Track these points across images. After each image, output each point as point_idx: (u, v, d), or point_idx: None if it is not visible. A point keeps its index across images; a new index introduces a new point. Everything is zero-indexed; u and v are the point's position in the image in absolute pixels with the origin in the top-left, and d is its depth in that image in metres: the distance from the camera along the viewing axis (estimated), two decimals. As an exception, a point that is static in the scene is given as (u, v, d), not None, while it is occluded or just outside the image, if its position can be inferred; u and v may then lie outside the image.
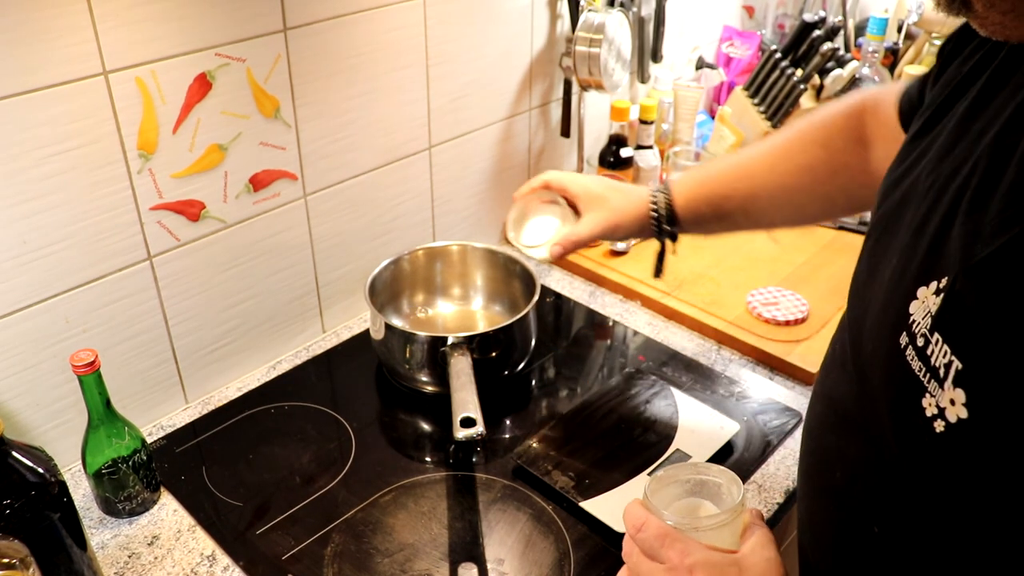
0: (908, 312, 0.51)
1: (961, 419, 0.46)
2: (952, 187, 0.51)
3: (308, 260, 1.18)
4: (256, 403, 1.12)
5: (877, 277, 0.57)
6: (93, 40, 0.86)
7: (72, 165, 0.88)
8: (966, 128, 0.53)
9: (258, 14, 0.99)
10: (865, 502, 0.57)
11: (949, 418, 0.46)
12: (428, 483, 0.99)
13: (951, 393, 0.46)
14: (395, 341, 1.10)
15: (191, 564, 0.89)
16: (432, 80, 1.24)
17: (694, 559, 0.58)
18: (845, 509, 0.60)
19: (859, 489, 0.58)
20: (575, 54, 1.35)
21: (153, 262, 1.00)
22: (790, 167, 0.89)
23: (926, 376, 0.48)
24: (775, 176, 0.90)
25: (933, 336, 0.48)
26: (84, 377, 0.84)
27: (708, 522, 0.61)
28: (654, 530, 0.60)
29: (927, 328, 0.48)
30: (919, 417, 0.48)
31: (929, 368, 0.48)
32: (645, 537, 0.61)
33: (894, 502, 0.54)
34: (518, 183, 1.47)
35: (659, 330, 1.26)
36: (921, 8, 1.60)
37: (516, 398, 1.14)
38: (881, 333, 0.54)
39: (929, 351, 0.48)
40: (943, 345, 0.47)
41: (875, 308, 0.56)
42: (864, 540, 0.58)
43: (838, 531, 0.61)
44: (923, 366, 0.48)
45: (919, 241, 0.53)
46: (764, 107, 1.60)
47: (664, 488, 0.65)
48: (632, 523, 0.62)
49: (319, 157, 1.13)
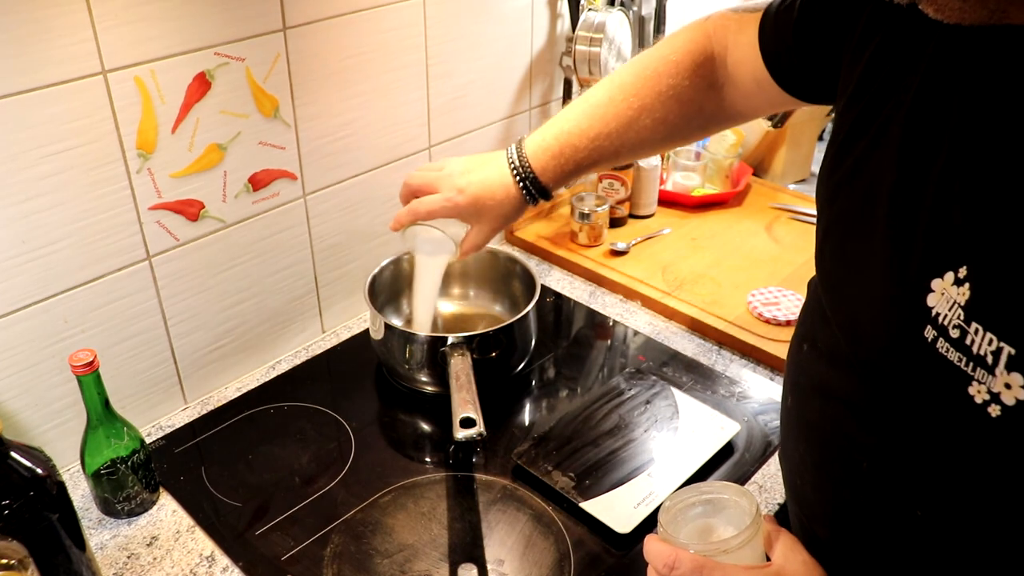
0: (927, 306, 0.51)
1: (1020, 400, 0.47)
2: (932, 179, 0.52)
3: (308, 260, 1.18)
4: (255, 403, 1.11)
5: (860, 278, 0.58)
6: (92, 39, 0.85)
7: (71, 165, 0.88)
8: (924, 120, 0.53)
9: (257, 13, 0.98)
10: (903, 488, 0.58)
11: (1006, 402, 0.48)
12: (428, 484, 0.98)
13: (1005, 378, 0.47)
14: (395, 341, 1.10)
15: (190, 565, 0.89)
16: (432, 79, 1.23)
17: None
18: (878, 496, 0.61)
19: (893, 476, 0.59)
20: (575, 53, 1.35)
21: (152, 262, 1.00)
22: (647, 122, 0.89)
23: (969, 365, 0.49)
24: (633, 132, 0.89)
25: (971, 326, 0.49)
26: (83, 377, 0.84)
27: (734, 542, 0.61)
28: (689, 564, 0.59)
29: (960, 319, 0.49)
30: (967, 405, 0.49)
31: (972, 357, 0.49)
32: (682, 573, 0.59)
33: (939, 485, 0.55)
34: (518, 183, 1.48)
35: (659, 330, 1.26)
36: (922, 7, 1.59)
37: (516, 398, 1.14)
38: (890, 331, 0.55)
39: (969, 340, 0.49)
40: (985, 333, 0.48)
41: (873, 308, 0.57)
42: (906, 524, 0.58)
43: (871, 518, 0.62)
44: (964, 356, 0.50)
45: (912, 236, 0.53)
46: (764, 106, 1.60)
47: (677, 517, 0.65)
48: (662, 561, 0.60)
49: (318, 157, 1.13)
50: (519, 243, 1.48)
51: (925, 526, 0.57)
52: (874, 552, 0.62)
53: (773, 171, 1.68)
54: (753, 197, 1.60)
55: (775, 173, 1.68)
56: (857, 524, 0.63)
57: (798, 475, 0.71)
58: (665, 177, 1.59)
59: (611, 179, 1.45)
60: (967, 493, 0.53)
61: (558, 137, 0.90)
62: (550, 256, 1.44)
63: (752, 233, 1.47)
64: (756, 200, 1.58)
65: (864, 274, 0.57)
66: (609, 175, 1.45)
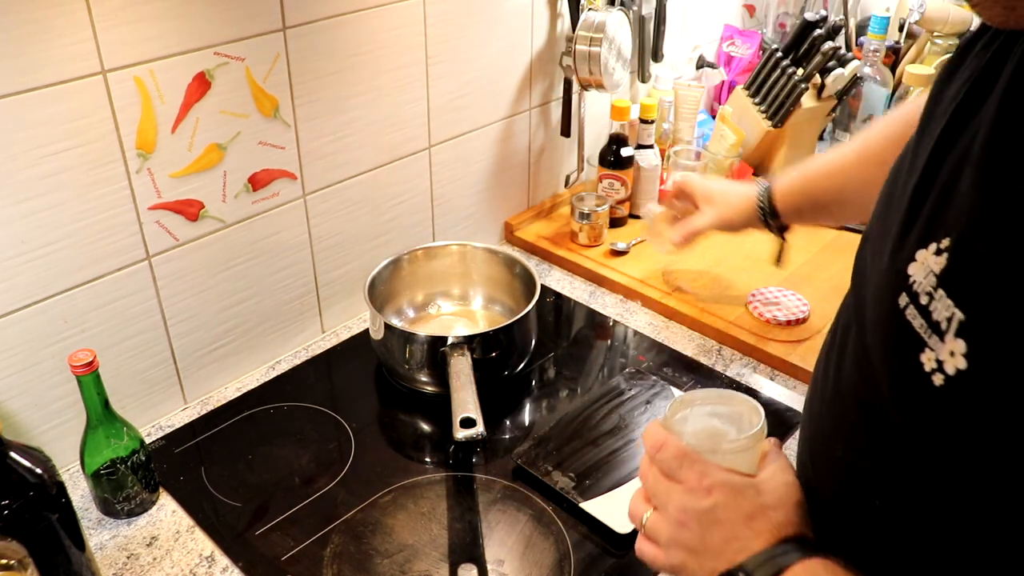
0: (907, 274, 0.51)
1: (960, 370, 0.46)
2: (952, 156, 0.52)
3: (307, 260, 1.18)
4: (255, 403, 1.11)
5: (877, 256, 0.58)
6: (92, 39, 0.85)
7: (70, 164, 0.88)
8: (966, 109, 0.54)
9: (257, 13, 0.98)
10: (866, 476, 0.57)
11: (948, 370, 0.47)
12: (428, 484, 0.98)
13: (952, 345, 0.46)
14: (395, 341, 1.10)
15: (190, 565, 0.89)
16: (432, 79, 1.23)
17: (712, 480, 0.59)
18: (847, 484, 0.60)
19: (861, 463, 0.58)
20: (575, 53, 1.35)
21: (152, 262, 1.00)
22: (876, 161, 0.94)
23: (926, 332, 0.49)
24: (862, 170, 0.97)
25: (937, 292, 0.48)
26: (82, 377, 0.84)
27: (728, 446, 0.62)
28: (673, 451, 0.61)
29: (931, 286, 0.49)
30: (918, 372, 0.49)
31: (930, 324, 0.48)
32: (664, 458, 0.61)
33: (895, 473, 0.54)
34: (518, 183, 1.48)
35: (659, 330, 1.26)
36: (923, 7, 1.59)
37: (516, 398, 1.14)
38: (879, 299, 0.55)
39: (932, 307, 0.49)
40: (946, 300, 0.47)
41: (875, 281, 0.57)
42: (866, 514, 0.57)
43: (841, 507, 0.61)
44: (924, 323, 0.49)
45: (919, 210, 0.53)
46: (765, 106, 1.60)
47: (684, 412, 0.66)
48: (651, 443, 0.62)
49: (318, 156, 1.13)
50: (519, 243, 1.48)
51: (882, 516, 0.56)
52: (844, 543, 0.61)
53: (773, 171, 1.68)
54: (753, 197, 1.60)
55: (775, 173, 1.67)
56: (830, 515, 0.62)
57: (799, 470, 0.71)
58: (665, 177, 1.59)
59: (611, 179, 1.45)
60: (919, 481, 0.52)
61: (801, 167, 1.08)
62: (550, 256, 1.43)
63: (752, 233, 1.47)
64: (756, 200, 1.58)
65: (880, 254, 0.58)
66: (609, 175, 1.45)
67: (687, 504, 0.60)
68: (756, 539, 0.57)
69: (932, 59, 1.62)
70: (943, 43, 1.64)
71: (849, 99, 1.64)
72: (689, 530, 0.60)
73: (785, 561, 0.55)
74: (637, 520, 0.64)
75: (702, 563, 0.59)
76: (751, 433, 0.62)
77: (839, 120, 1.69)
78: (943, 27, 1.62)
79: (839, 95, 1.63)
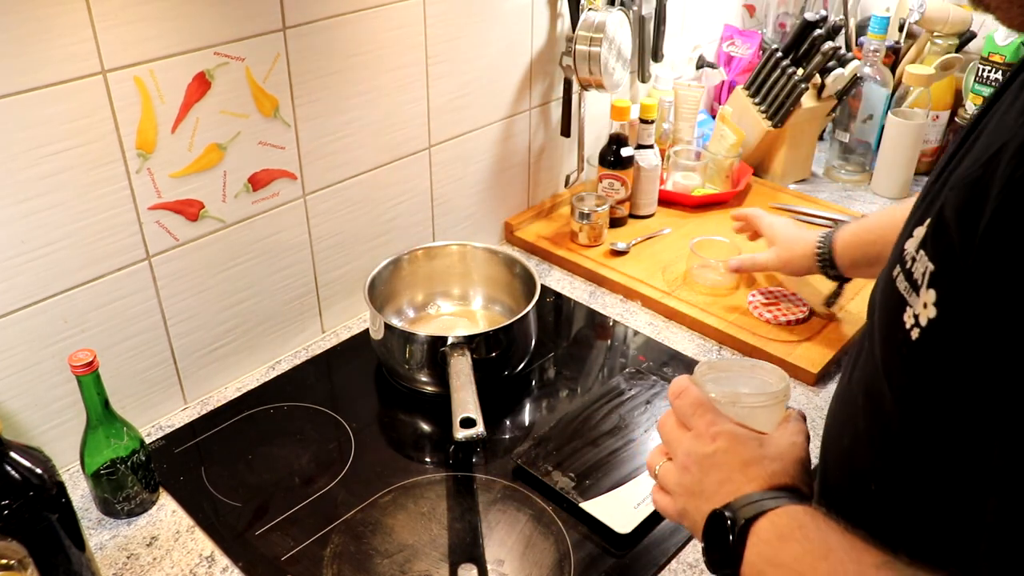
0: (903, 248, 0.53)
1: (931, 319, 0.47)
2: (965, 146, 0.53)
3: (307, 260, 1.18)
4: (255, 403, 1.11)
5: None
6: (91, 39, 0.85)
7: (70, 164, 0.88)
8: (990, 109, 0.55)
9: (257, 13, 0.98)
10: (864, 460, 0.58)
11: (921, 322, 0.48)
12: (428, 484, 0.98)
13: (925, 296, 0.48)
14: (395, 341, 1.10)
15: (190, 565, 0.89)
16: (432, 79, 1.23)
17: (719, 429, 0.62)
18: (849, 471, 0.62)
19: (859, 449, 0.59)
20: (575, 53, 1.35)
21: (152, 262, 1.00)
22: None
23: (908, 292, 0.50)
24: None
25: (918, 254, 0.50)
26: (82, 377, 0.84)
27: (748, 400, 0.64)
28: (691, 398, 0.64)
29: (914, 249, 0.51)
30: (901, 331, 0.50)
31: (911, 282, 0.50)
32: (681, 404, 0.64)
33: (887, 456, 0.55)
34: (518, 183, 1.48)
35: (659, 330, 1.26)
36: (923, 7, 1.59)
37: (516, 398, 1.14)
38: (883, 278, 0.57)
39: (913, 268, 0.50)
40: (924, 259, 0.49)
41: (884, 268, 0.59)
42: (865, 500, 0.58)
43: (847, 495, 0.63)
44: (907, 283, 0.50)
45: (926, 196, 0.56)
46: (765, 106, 1.60)
47: (713, 373, 0.68)
48: (673, 389, 0.66)
49: (318, 156, 1.13)
50: (519, 243, 1.48)
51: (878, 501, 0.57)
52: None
53: (773, 171, 1.68)
54: (753, 197, 1.60)
55: (775, 173, 1.68)
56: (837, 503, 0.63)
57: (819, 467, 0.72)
58: (665, 177, 1.59)
59: (611, 179, 1.45)
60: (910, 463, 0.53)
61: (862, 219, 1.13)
62: (550, 256, 1.43)
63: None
64: (756, 200, 1.58)
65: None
66: (609, 175, 1.45)
67: (692, 449, 0.62)
68: (748, 484, 0.59)
69: (932, 59, 1.62)
70: (943, 43, 1.64)
71: (849, 99, 1.65)
72: (691, 474, 0.62)
73: (770, 505, 0.57)
74: (652, 470, 0.67)
75: (699, 506, 0.61)
76: (770, 391, 0.65)
77: (839, 120, 1.69)
78: (943, 27, 1.62)
79: (839, 95, 1.63)
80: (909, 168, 1.61)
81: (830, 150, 1.73)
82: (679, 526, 0.91)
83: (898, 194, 1.63)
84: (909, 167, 1.61)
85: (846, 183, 1.69)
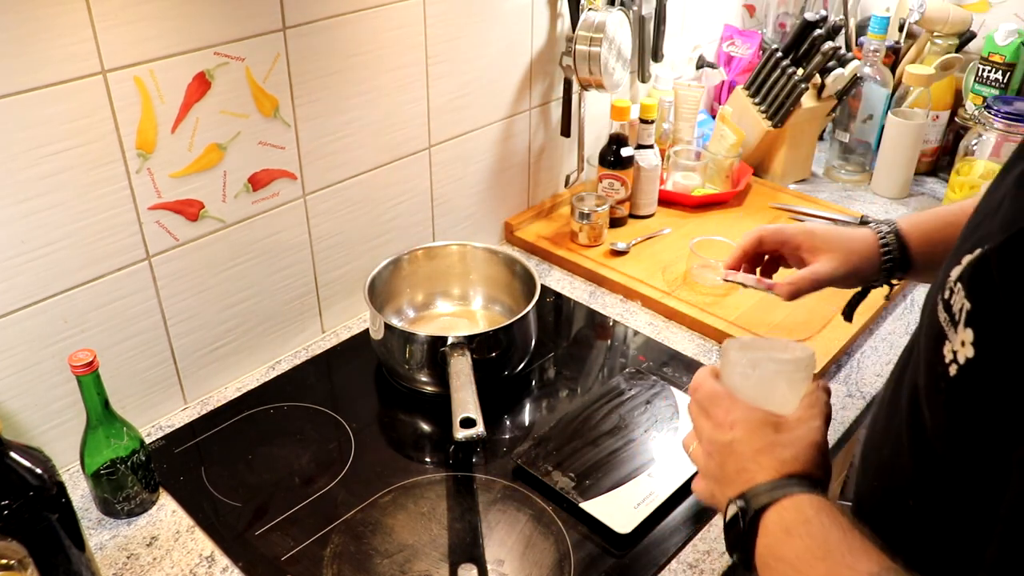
0: (948, 275, 0.53)
1: (968, 359, 0.47)
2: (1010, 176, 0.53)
3: (307, 260, 1.18)
4: (255, 403, 1.11)
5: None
6: (91, 39, 0.85)
7: (70, 165, 0.88)
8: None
9: (257, 13, 0.98)
10: (903, 475, 0.59)
11: (959, 360, 0.48)
12: (428, 484, 0.98)
13: (963, 334, 0.48)
14: (395, 341, 1.10)
15: (190, 565, 0.89)
16: (432, 79, 1.23)
17: (735, 416, 0.66)
18: (888, 484, 0.62)
19: (899, 462, 0.60)
20: (575, 53, 1.35)
21: (152, 262, 1.00)
22: None
23: (948, 324, 0.51)
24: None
25: (956, 286, 0.50)
26: (82, 377, 0.84)
27: (768, 366, 0.67)
28: (706, 391, 0.69)
29: (955, 281, 0.51)
30: (941, 364, 0.51)
31: (951, 316, 0.50)
32: (699, 397, 0.70)
33: (925, 473, 0.56)
34: (518, 183, 1.48)
35: (659, 330, 1.26)
36: (923, 7, 1.59)
37: (516, 398, 1.14)
38: (928, 300, 0.57)
39: (952, 300, 0.50)
40: (962, 292, 0.49)
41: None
42: (901, 514, 0.59)
43: (882, 505, 0.63)
44: (947, 315, 0.51)
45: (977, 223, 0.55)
46: (765, 106, 1.60)
47: (740, 343, 0.71)
48: (692, 384, 0.72)
49: (318, 156, 1.13)
50: (519, 243, 1.48)
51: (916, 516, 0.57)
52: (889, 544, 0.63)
53: (773, 171, 1.68)
54: (753, 197, 1.60)
55: (775, 173, 1.68)
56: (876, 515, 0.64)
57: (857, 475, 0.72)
58: (665, 177, 1.59)
59: (611, 179, 1.45)
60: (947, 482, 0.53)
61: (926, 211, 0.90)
62: (550, 256, 1.44)
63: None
64: (756, 200, 1.58)
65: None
66: (609, 175, 1.45)
67: (713, 437, 0.67)
68: (761, 472, 0.62)
69: (932, 59, 1.62)
70: (943, 43, 1.64)
71: (849, 99, 1.65)
72: (714, 460, 0.67)
73: (779, 494, 0.60)
74: (687, 449, 0.72)
75: (723, 490, 0.65)
76: (792, 357, 0.67)
77: (839, 120, 1.69)
78: (943, 27, 1.62)
79: (839, 95, 1.63)
80: (909, 168, 1.61)
81: (830, 150, 1.73)
82: (679, 526, 0.92)
83: (898, 194, 1.63)
84: (909, 167, 1.61)
85: (846, 183, 1.70)
